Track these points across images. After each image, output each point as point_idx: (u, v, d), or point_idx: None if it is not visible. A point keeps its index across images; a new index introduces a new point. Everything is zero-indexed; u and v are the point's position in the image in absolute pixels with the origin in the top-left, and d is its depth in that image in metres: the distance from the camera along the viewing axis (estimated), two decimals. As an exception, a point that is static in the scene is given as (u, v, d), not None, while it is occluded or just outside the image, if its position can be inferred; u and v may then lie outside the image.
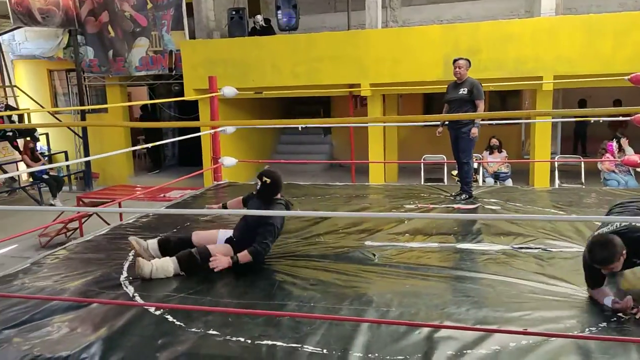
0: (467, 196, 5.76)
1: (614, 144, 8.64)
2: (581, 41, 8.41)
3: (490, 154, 9.66)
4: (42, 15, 10.99)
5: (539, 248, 4.11)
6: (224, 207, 4.34)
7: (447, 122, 5.89)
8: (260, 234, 3.78)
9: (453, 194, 5.92)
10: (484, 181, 9.59)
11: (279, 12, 10.49)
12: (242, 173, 10.57)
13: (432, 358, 2.58)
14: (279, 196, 4.03)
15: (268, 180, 3.95)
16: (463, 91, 5.57)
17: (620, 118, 8.60)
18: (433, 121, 7.08)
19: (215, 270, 3.63)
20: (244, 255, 3.73)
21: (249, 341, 2.77)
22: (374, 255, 4.05)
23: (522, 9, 10.55)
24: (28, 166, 10.78)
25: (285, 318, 2.99)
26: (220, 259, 3.67)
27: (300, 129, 9.32)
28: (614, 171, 8.68)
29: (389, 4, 11.28)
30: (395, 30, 10.57)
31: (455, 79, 5.66)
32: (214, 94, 6.85)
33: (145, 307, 3.15)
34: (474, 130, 5.55)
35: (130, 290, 3.45)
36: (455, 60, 5.66)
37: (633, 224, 3.03)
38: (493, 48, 8.73)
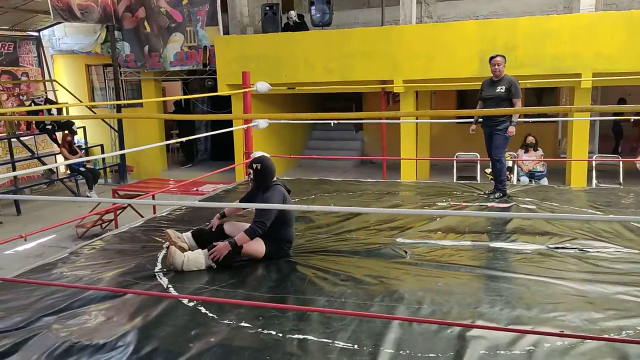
0: (501, 194, 5.67)
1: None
2: (621, 38, 8.16)
3: (525, 152, 9.47)
4: (81, 11, 11.25)
5: (575, 248, 4.02)
6: (222, 216, 4.26)
7: (480, 119, 5.80)
8: (257, 215, 3.79)
9: (487, 192, 5.84)
10: (518, 180, 9.41)
11: (313, 7, 10.50)
12: (274, 168, 10.61)
13: (464, 357, 2.55)
14: (275, 179, 4.03)
15: (259, 166, 3.95)
16: (501, 89, 5.47)
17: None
18: (467, 117, 6.98)
19: (220, 259, 3.66)
20: (241, 237, 3.73)
21: (280, 334, 2.79)
22: (406, 252, 4.02)
23: (561, 4, 10.30)
24: (66, 158, 11.05)
25: (316, 313, 2.99)
26: (218, 248, 3.68)
27: (332, 124, 9.29)
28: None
29: (423, -1, 11.17)
30: (430, 25, 10.46)
31: (492, 76, 5.57)
32: (247, 89, 6.89)
33: (179, 298, 3.20)
34: (512, 129, 5.46)
35: (164, 281, 3.52)
36: (492, 58, 5.56)
37: None
38: (531, 44, 8.56)
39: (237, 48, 10.45)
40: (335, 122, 8.04)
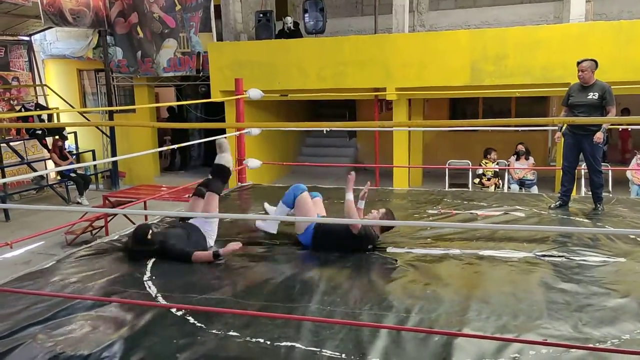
0: (602, 207, 5.43)
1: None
2: (611, 48, 8.23)
3: (517, 160, 9.55)
4: (73, 16, 11.23)
5: (562, 256, 4.05)
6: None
7: (563, 126, 5.51)
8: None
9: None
10: (509, 187, 9.47)
11: (306, 15, 10.54)
12: (266, 175, 10.64)
13: (450, 366, 2.56)
14: None
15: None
16: (593, 95, 5.14)
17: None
18: (475, 126, 6.99)
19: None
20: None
21: (269, 342, 2.78)
22: (396, 260, 4.03)
23: (551, 14, 10.40)
24: (56, 164, 10.99)
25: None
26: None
27: (325, 132, 9.32)
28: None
29: (416, 8, 11.24)
30: (422, 34, 10.52)
31: (580, 81, 5.26)
32: (239, 96, 6.90)
33: (167, 307, 3.19)
34: (599, 134, 5.11)
35: (152, 290, 3.50)
36: (578, 63, 5.21)
37: None
38: (521, 54, 8.62)
39: (231, 55, 10.46)
40: (328, 129, 8.05)
